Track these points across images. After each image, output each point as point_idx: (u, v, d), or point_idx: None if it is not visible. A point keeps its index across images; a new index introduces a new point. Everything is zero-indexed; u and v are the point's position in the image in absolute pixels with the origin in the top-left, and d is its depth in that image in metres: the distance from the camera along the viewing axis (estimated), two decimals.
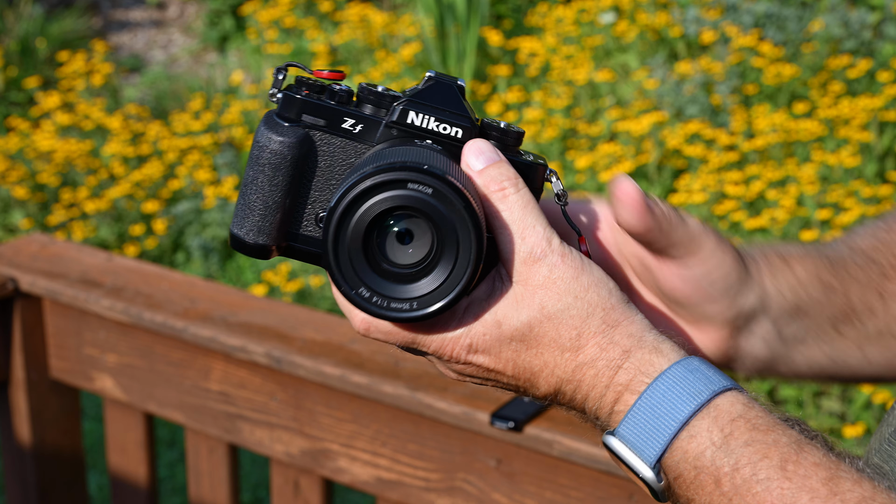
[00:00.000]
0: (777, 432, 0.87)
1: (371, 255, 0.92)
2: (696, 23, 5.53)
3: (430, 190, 0.90)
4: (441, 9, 5.82)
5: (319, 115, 0.96)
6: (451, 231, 0.90)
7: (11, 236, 5.24)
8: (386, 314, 0.92)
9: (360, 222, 0.91)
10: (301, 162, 0.96)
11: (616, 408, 0.91)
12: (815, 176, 4.41)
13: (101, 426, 3.96)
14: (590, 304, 0.92)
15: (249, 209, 0.96)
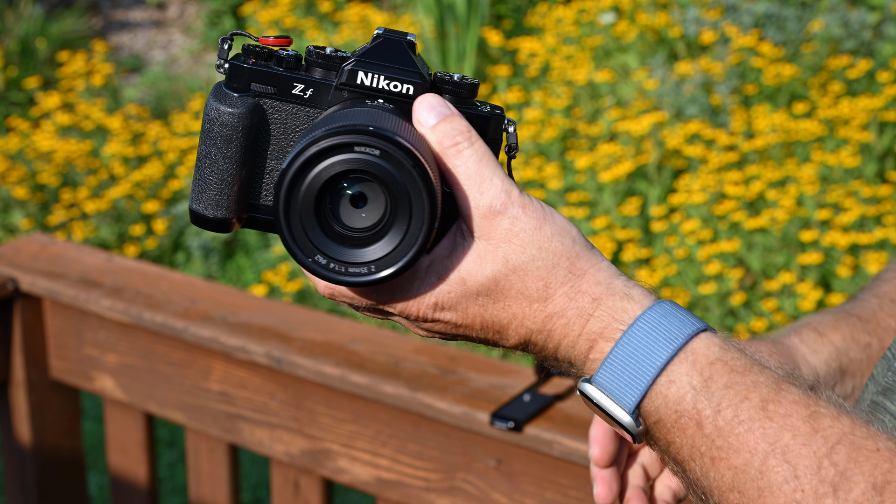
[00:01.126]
0: (755, 373, 0.88)
1: (325, 221, 0.91)
2: (696, 23, 5.53)
3: (377, 152, 0.88)
4: (441, 9, 5.82)
5: (268, 83, 0.95)
6: (402, 192, 0.89)
7: (11, 236, 5.25)
8: (344, 279, 0.91)
9: (311, 189, 0.89)
10: (253, 131, 0.95)
11: (591, 356, 0.91)
12: (815, 176, 4.41)
13: (101, 426, 3.96)
14: (554, 254, 0.92)
15: (206, 183, 0.95)
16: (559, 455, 1.74)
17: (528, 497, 1.81)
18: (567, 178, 4.78)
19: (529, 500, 1.81)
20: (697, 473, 0.87)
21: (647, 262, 4.41)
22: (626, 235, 4.41)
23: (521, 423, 1.76)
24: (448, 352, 1.97)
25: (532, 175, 4.67)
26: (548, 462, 1.78)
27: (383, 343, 2.00)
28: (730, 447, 0.85)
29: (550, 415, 1.79)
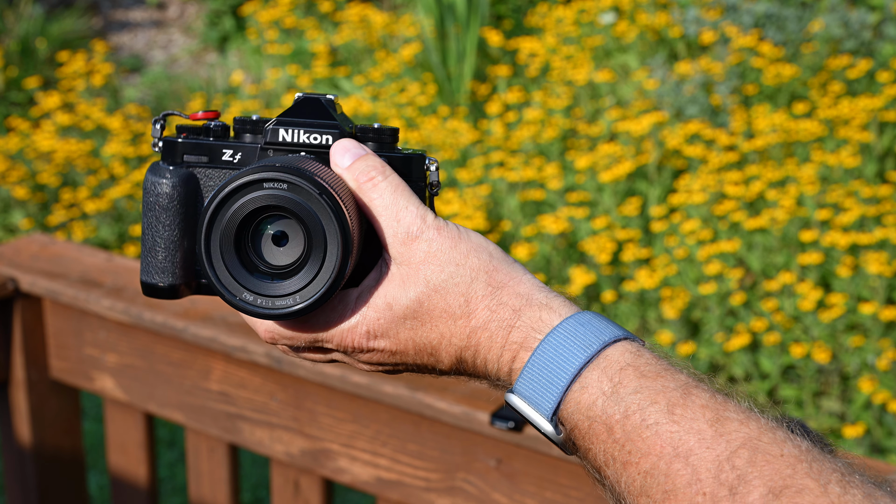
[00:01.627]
0: (665, 378, 0.88)
1: (247, 260, 0.95)
2: (696, 23, 5.53)
3: (284, 185, 0.93)
4: (441, 9, 5.82)
5: (200, 153, 1.01)
6: (314, 222, 0.94)
7: (12, 236, 5.25)
8: (272, 313, 0.95)
9: (228, 228, 0.94)
10: (190, 199, 1.00)
11: (514, 366, 0.93)
12: (815, 176, 4.41)
13: (101, 426, 3.96)
14: (472, 269, 0.95)
15: (152, 254, 1.00)
16: (559, 455, 1.74)
17: (528, 497, 1.81)
18: (567, 179, 4.78)
19: (529, 500, 1.81)
20: (612, 479, 0.88)
21: (647, 262, 4.41)
22: (626, 235, 4.41)
23: (521, 423, 1.76)
24: None
25: (532, 175, 4.67)
26: (548, 462, 1.78)
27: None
28: (638, 451, 0.86)
29: None
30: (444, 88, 5.64)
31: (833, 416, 3.81)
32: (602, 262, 4.29)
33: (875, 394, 3.67)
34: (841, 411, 3.81)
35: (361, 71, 6.07)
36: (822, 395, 3.89)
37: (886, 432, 3.71)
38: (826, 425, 3.77)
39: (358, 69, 6.11)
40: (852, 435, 3.59)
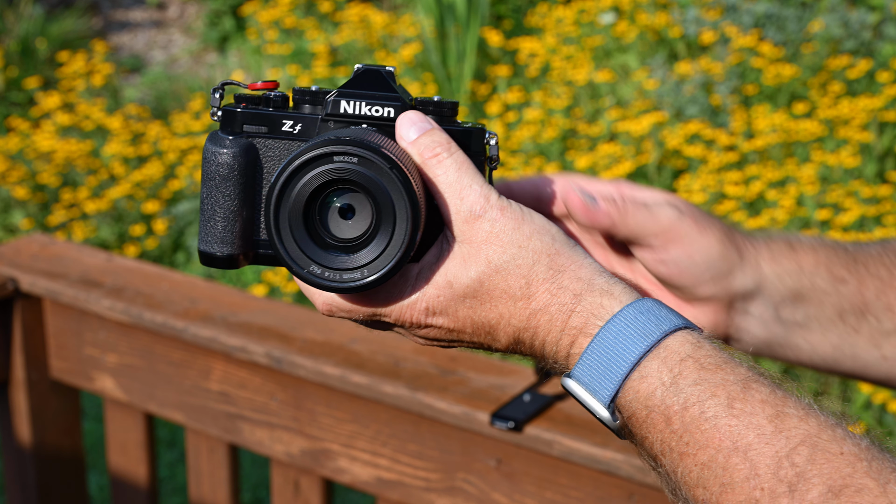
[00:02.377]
0: (725, 371, 0.89)
1: (315, 233, 0.96)
2: (696, 23, 5.53)
3: (355, 159, 0.94)
4: (441, 9, 5.82)
5: (260, 123, 1.00)
6: (384, 195, 0.94)
7: (12, 236, 5.25)
8: (340, 286, 0.95)
9: (297, 202, 0.95)
10: (249, 169, 1.00)
11: (572, 351, 0.94)
12: (815, 176, 4.41)
13: (101, 426, 3.96)
14: (534, 252, 0.95)
15: (211, 223, 1.00)
16: (559, 455, 1.75)
17: (528, 497, 1.81)
18: None
19: (529, 500, 1.81)
20: (668, 468, 0.89)
21: None
22: None
23: (521, 423, 1.76)
24: (448, 352, 1.97)
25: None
26: (548, 462, 1.78)
27: (383, 343, 2.00)
28: (696, 443, 0.87)
29: (550, 415, 1.79)
30: (444, 88, 5.64)
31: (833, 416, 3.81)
32: None
33: (875, 394, 3.67)
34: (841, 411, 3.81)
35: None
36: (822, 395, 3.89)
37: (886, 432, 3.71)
38: None
39: None
40: None
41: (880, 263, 1.09)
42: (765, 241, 1.08)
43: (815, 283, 1.07)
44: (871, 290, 1.08)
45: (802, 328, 1.09)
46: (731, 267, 1.05)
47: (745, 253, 1.06)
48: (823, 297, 1.08)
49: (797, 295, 1.07)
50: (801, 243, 1.09)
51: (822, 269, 1.07)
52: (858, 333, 1.09)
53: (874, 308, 1.08)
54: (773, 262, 1.07)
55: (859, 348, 1.09)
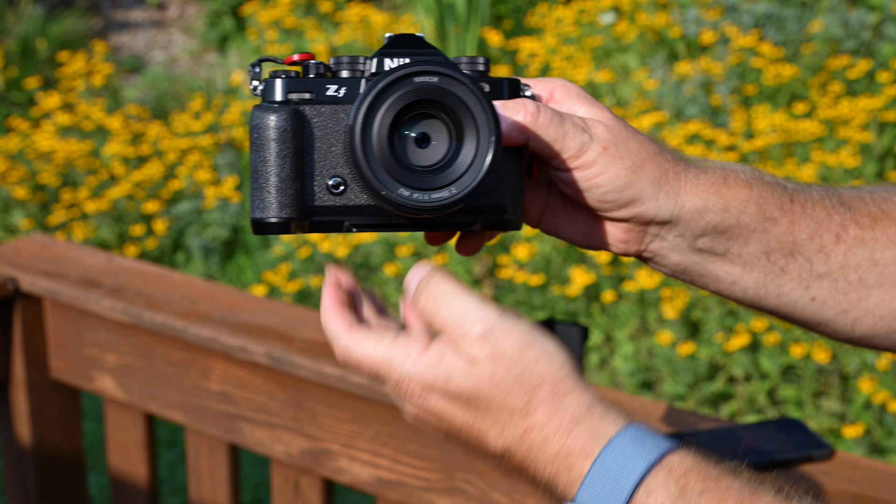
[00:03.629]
0: (728, 479, 0.90)
1: (399, 158, 0.96)
2: (696, 23, 5.53)
3: (435, 78, 0.95)
4: (441, 9, 5.82)
5: (304, 90, 1.01)
6: (464, 109, 0.96)
7: (12, 236, 5.25)
8: (431, 205, 0.96)
9: (383, 125, 0.95)
10: (298, 135, 1.00)
11: (571, 476, 0.93)
12: (815, 176, 4.42)
13: (101, 426, 3.96)
14: (539, 376, 0.95)
15: (265, 190, 1.00)
16: None
17: (528, 497, 1.81)
18: None
19: (529, 500, 1.81)
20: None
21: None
22: None
23: None
24: None
25: None
26: None
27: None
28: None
29: None
30: None
31: (833, 416, 3.81)
32: (602, 262, 4.29)
33: (875, 394, 3.67)
34: (841, 411, 3.81)
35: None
36: (822, 395, 3.89)
37: (886, 432, 3.71)
38: (826, 425, 3.77)
39: None
40: (852, 435, 3.59)
41: (820, 206, 1.08)
42: (697, 172, 1.06)
43: (741, 220, 1.06)
44: (804, 232, 1.07)
45: (723, 260, 1.08)
46: (640, 196, 1.04)
47: (664, 183, 1.04)
48: (748, 234, 1.06)
49: (719, 230, 1.06)
50: (738, 178, 1.06)
51: (752, 206, 1.06)
52: (785, 273, 1.08)
53: (805, 249, 1.07)
54: (695, 196, 1.05)
55: (785, 287, 1.08)
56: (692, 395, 3.96)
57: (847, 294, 1.08)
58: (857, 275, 1.07)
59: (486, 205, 1.02)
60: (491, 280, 4.51)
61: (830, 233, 1.07)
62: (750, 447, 1.71)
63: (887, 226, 1.08)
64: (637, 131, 1.06)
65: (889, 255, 1.08)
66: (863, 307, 1.08)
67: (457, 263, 4.57)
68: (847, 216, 1.08)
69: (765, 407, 3.90)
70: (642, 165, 1.04)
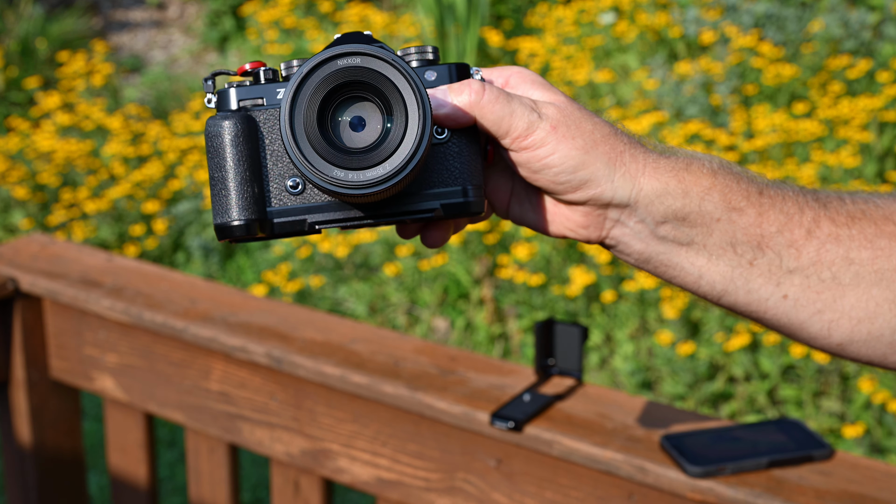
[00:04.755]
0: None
1: (333, 142, 0.98)
2: (696, 23, 5.53)
3: (357, 59, 0.97)
4: (441, 9, 5.82)
5: (255, 96, 1.03)
6: (390, 86, 0.97)
7: (12, 236, 5.25)
8: (365, 182, 0.97)
9: (311, 109, 0.97)
10: (253, 139, 1.02)
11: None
12: (815, 176, 4.41)
13: (101, 426, 3.96)
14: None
15: (223, 195, 1.02)
16: (559, 455, 1.75)
17: (528, 497, 1.81)
18: None
19: (529, 500, 1.81)
20: None
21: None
22: None
23: (521, 423, 1.76)
24: (448, 352, 1.97)
25: None
26: (548, 462, 1.78)
27: (383, 343, 2.00)
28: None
29: (550, 415, 1.79)
30: None
31: (833, 416, 3.81)
32: (602, 262, 4.29)
33: (875, 394, 3.67)
34: (841, 411, 3.81)
35: None
36: (822, 395, 3.88)
37: (886, 432, 3.71)
38: (826, 425, 3.77)
39: None
40: (852, 435, 3.59)
41: (792, 200, 1.06)
42: (657, 156, 1.05)
43: (703, 207, 1.04)
44: (773, 225, 1.04)
45: (687, 249, 1.05)
46: (594, 177, 1.03)
47: (619, 165, 1.03)
48: (712, 223, 1.04)
49: (679, 216, 1.04)
50: (702, 166, 1.05)
51: (716, 193, 1.04)
52: (753, 267, 1.05)
53: (774, 243, 1.04)
54: (654, 179, 1.03)
55: (754, 283, 1.06)
56: (692, 395, 3.96)
57: (820, 293, 1.05)
58: (831, 273, 1.05)
59: (445, 190, 1.03)
60: (491, 280, 4.51)
61: (801, 227, 1.05)
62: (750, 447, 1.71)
63: (865, 225, 1.05)
64: (593, 114, 1.05)
65: (866, 254, 1.05)
66: (838, 308, 1.05)
67: (457, 263, 4.57)
68: (821, 212, 1.06)
69: (765, 407, 3.90)
70: (595, 146, 1.03)
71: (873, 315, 1.06)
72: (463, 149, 1.03)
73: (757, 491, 1.62)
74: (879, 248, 1.05)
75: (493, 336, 4.38)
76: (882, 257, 1.05)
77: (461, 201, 1.03)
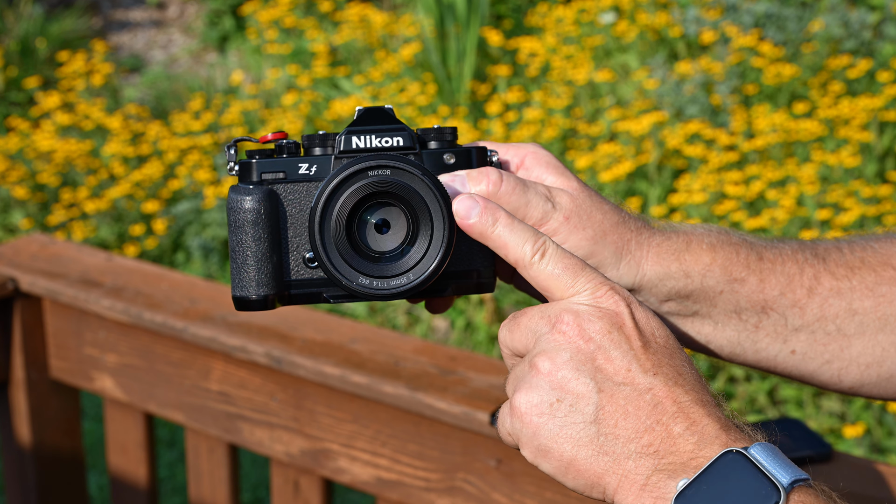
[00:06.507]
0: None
1: (358, 248, 1.02)
2: (696, 23, 5.53)
3: (388, 171, 1.01)
4: (441, 9, 5.82)
5: (277, 170, 1.06)
6: (418, 199, 1.01)
7: (11, 236, 5.24)
8: (388, 293, 1.01)
9: (340, 218, 1.01)
10: (274, 214, 1.05)
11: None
12: (815, 176, 4.41)
13: (101, 426, 3.96)
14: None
15: (244, 269, 1.06)
16: None
17: (528, 497, 1.81)
18: None
19: (529, 500, 1.81)
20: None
21: None
22: None
23: None
24: (448, 352, 1.97)
25: None
26: None
27: (383, 343, 1.99)
28: None
29: None
30: (444, 88, 5.63)
31: (833, 416, 3.81)
32: None
33: None
34: (841, 411, 3.81)
35: (361, 71, 6.06)
36: (822, 395, 3.88)
37: (886, 432, 3.71)
38: (826, 425, 3.77)
39: (358, 69, 6.11)
40: (852, 435, 3.59)
41: (791, 260, 1.08)
42: (660, 239, 1.07)
43: (705, 284, 1.07)
44: (775, 288, 1.07)
45: (692, 320, 1.09)
46: (601, 265, 1.05)
47: (625, 253, 1.06)
48: (715, 296, 1.07)
49: (682, 294, 1.07)
50: (700, 243, 1.07)
51: (717, 269, 1.06)
52: (759, 329, 1.08)
53: (778, 305, 1.07)
54: (657, 265, 1.06)
55: (761, 343, 1.09)
56: None
57: (827, 345, 1.09)
58: (836, 325, 1.08)
59: (458, 270, 1.06)
60: None
61: (803, 287, 1.08)
62: None
63: (865, 274, 1.08)
64: (603, 200, 1.08)
65: (868, 303, 1.08)
66: (845, 357, 1.09)
67: None
68: (821, 268, 1.08)
69: (765, 407, 3.90)
70: (604, 236, 1.06)
71: (881, 359, 1.10)
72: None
73: None
74: (881, 296, 1.08)
75: (493, 336, 4.38)
76: (884, 304, 1.08)
77: (473, 283, 1.07)
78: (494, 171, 1.04)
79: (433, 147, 1.07)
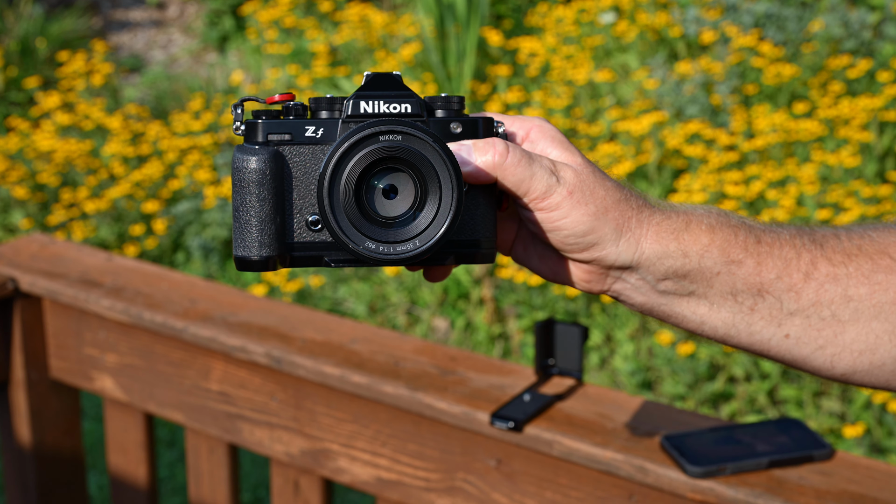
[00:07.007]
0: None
1: (366, 212, 1.01)
2: (696, 23, 5.53)
3: (399, 136, 1.01)
4: (441, 9, 5.82)
5: (283, 132, 1.06)
6: (428, 166, 1.01)
7: (11, 236, 5.24)
8: (395, 258, 1.01)
9: (349, 182, 1.01)
10: (278, 175, 1.05)
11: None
12: (815, 176, 4.41)
13: (101, 426, 3.96)
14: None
15: (246, 229, 1.05)
16: (559, 455, 1.74)
17: (528, 497, 1.81)
18: None
19: (529, 500, 1.81)
20: None
21: None
22: None
23: (521, 423, 1.76)
24: (448, 352, 1.97)
25: None
26: (548, 462, 1.78)
27: (383, 343, 1.99)
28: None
29: (550, 415, 1.79)
30: (444, 88, 5.63)
31: (833, 416, 3.81)
32: None
33: (875, 394, 3.67)
34: (841, 411, 3.81)
35: (361, 71, 6.06)
36: (822, 395, 3.88)
37: (886, 432, 3.71)
38: (826, 425, 3.77)
39: (358, 69, 6.11)
40: (852, 435, 3.59)
41: (789, 245, 1.10)
42: (660, 218, 1.09)
43: (703, 264, 1.08)
44: (772, 272, 1.08)
45: (688, 300, 1.10)
46: (601, 241, 1.07)
47: (625, 231, 1.08)
48: (712, 277, 1.09)
49: (680, 274, 1.09)
50: (700, 223, 1.09)
51: (715, 250, 1.08)
52: (754, 312, 1.09)
53: (774, 289, 1.09)
54: (655, 243, 1.08)
55: (756, 326, 1.10)
56: (692, 395, 3.96)
57: (821, 330, 1.09)
58: (830, 311, 1.09)
59: (460, 240, 1.06)
60: (491, 280, 4.51)
61: (800, 271, 1.09)
62: (750, 447, 1.71)
63: (862, 262, 1.09)
64: (606, 177, 1.10)
65: (863, 290, 1.09)
66: (839, 343, 1.09)
67: None
68: (818, 253, 1.09)
69: (765, 407, 3.90)
70: (606, 212, 1.07)
71: (874, 347, 1.10)
72: (479, 201, 1.07)
73: (757, 491, 1.62)
74: (877, 283, 1.09)
75: (493, 336, 4.38)
76: (879, 291, 1.09)
77: (474, 252, 1.07)
78: (501, 142, 1.05)
79: (440, 115, 1.07)
